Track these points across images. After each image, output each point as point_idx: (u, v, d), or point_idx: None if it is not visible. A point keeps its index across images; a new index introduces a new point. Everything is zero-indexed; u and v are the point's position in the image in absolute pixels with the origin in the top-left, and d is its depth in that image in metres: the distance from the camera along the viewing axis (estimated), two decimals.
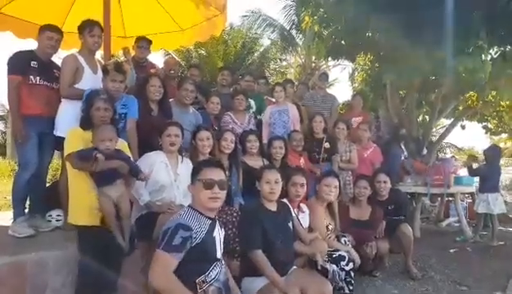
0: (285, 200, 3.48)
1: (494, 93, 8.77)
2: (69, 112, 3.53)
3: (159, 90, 4.06)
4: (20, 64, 3.62)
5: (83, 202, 2.91)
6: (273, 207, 3.17)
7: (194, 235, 2.27)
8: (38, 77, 3.67)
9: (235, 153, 4.21)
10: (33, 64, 3.65)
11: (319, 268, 3.22)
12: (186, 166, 3.45)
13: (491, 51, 6.61)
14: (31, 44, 3.99)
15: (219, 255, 2.49)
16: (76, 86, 3.67)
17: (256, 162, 4.33)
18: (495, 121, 11.21)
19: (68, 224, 3.16)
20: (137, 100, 3.89)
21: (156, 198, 3.32)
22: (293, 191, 3.62)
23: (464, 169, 7.78)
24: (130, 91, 4.04)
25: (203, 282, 2.32)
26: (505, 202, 9.00)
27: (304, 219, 3.73)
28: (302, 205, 3.79)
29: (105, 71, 3.71)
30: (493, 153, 6.53)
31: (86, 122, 3.06)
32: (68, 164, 3.02)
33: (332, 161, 5.24)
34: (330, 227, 3.97)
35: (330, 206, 4.04)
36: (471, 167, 6.63)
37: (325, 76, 7.44)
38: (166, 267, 2.17)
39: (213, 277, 2.38)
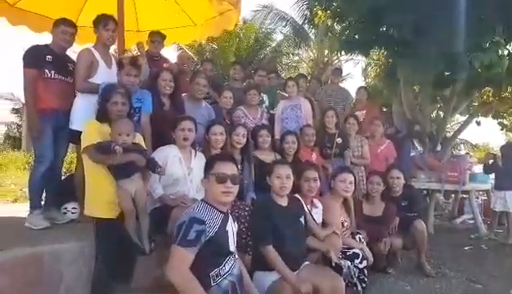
0: (297, 195, 3.47)
1: (510, 89, 8.64)
2: (84, 106, 3.58)
3: (170, 84, 4.06)
4: (35, 58, 3.66)
5: (101, 195, 2.94)
6: (284, 202, 3.16)
7: (207, 229, 2.28)
8: (53, 71, 3.70)
9: (247, 148, 4.21)
10: (48, 58, 3.68)
11: (333, 264, 3.21)
12: (199, 160, 3.46)
13: (508, 46, 6.49)
14: (46, 38, 4.03)
15: (232, 248, 2.49)
16: (90, 80, 3.71)
17: (268, 156, 4.33)
18: (511, 117, 11.03)
19: (84, 216, 3.20)
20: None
21: (170, 192, 3.33)
22: (305, 186, 3.61)
23: (479, 166, 7.68)
24: (143, 85, 4.05)
25: (217, 275, 2.33)
26: None
27: (317, 214, 3.71)
28: (315, 200, 3.77)
29: (120, 65, 3.73)
30: (510, 149, 6.42)
31: (102, 116, 3.08)
32: (85, 157, 3.05)
33: (344, 156, 5.21)
34: (346, 224, 3.94)
35: (345, 202, 4.01)
36: (487, 163, 6.54)
37: (338, 71, 7.42)
38: (183, 263, 2.19)
39: (226, 270, 2.39)
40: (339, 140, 5.21)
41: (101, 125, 3.05)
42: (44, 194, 3.84)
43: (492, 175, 6.73)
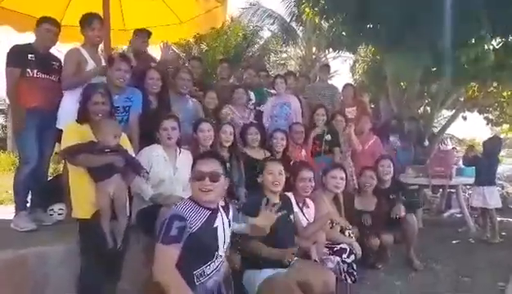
0: (288, 194, 3.46)
1: (495, 84, 8.75)
2: (72, 104, 3.48)
3: (158, 83, 4.04)
4: (17, 57, 3.61)
5: (84, 196, 2.89)
6: (276, 199, 3.15)
7: (189, 225, 2.24)
8: (35, 70, 3.65)
9: (235, 146, 4.21)
10: (31, 57, 3.63)
11: (314, 260, 3.23)
12: (184, 158, 3.42)
13: (493, 41, 6.56)
14: (30, 38, 3.96)
15: (221, 246, 2.45)
16: None
17: (257, 153, 4.33)
18: (496, 112, 11.17)
19: (70, 217, 3.14)
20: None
21: (155, 192, 3.26)
22: (301, 186, 3.57)
23: None
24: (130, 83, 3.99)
25: (201, 275, 2.30)
26: (507, 193, 8.98)
27: (309, 213, 3.68)
28: (307, 200, 3.73)
29: (110, 61, 3.68)
30: (493, 145, 6.26)
31: (82, 115, 3.02)
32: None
33: (334, 153, 5.21)
34: (335, 221, 3.92)
35: (335, 199, 4.01)
36: (466, 156, 6.53)
37: (326, 68, 7.44)
38: (167, 260, 2.16)
39: (212, 269, 2.36)
40: (328, 138, 5.22)
41: (79, 126, 2.99)
42: (30, 196, 3.78)
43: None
